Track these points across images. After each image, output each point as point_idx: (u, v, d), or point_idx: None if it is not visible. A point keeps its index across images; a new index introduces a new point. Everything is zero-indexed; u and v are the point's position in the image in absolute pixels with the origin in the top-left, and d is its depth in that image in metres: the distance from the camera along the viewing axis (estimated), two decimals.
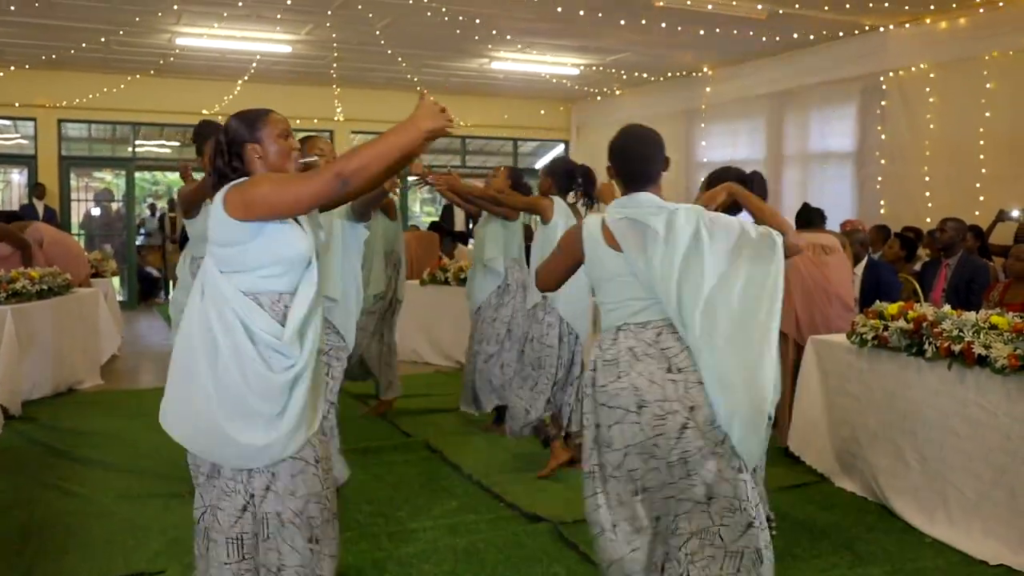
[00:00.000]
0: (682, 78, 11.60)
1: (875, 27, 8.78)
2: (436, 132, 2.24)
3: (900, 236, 7.17)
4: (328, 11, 8.35)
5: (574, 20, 8.49)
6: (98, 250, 9.64)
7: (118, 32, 9.16)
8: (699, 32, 8.94)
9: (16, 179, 13.79)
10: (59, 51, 10.08)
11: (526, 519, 3.90)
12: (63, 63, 10.74)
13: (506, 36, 9.38)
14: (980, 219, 7.56)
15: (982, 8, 7.91)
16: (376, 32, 9.11)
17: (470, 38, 9.47)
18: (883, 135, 8.92)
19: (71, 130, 12.39)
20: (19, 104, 11.42)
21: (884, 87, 8.87)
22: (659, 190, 2.54)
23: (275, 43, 9.75)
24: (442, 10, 8.26)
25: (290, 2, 8.02)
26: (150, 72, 11.26)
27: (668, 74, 11.56)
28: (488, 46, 9.98)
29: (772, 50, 9.87)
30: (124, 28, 8.99)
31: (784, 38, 9.21)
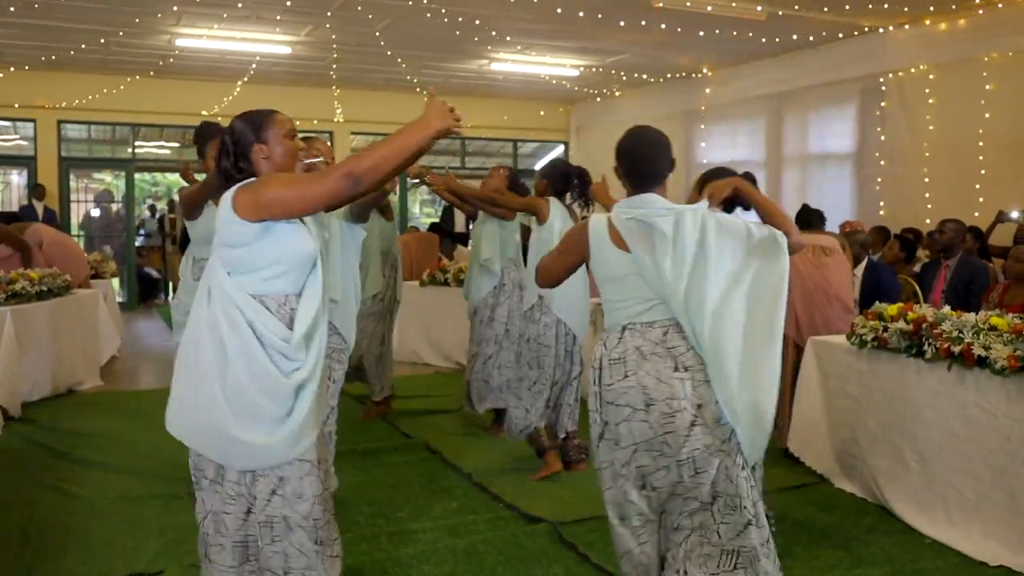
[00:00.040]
0: (682, 79, 11.61)
1: (874, 28, 8.78)
2: (446, 131, 2.26)
3: (900, 237, 7.17)
4: (328, 12, 8.34)
5: (574, 21, 8.49)
6: (98, 251, 9.62)
7: (118, 33, 9.16)
8: (699, 33, 8.94)
9: (16, 180, 13.78)
10: (59, 52, 10.08)
11: (525, 520, 3.90)
12: (63, 64, 10.74)
13: (506, 37, 9.38)
14: (979, 220, 7.57)
15: (981, 9, 7.92)
16: (376, 33, 9.11)
17: (470, 39, 9.47)
18: (882, 136, 8.92)
19: (71, 131, 12.39)
20: (19, 105, 11.42)
21: (883, 88, 8.87)
22: (665, 191, 2.57)
23: (275, 44, 9.75)
24: (442, 11, 8.26)
25: (290, 3, 8.02)
26: (150, 73, 11.26)
27: (668, 75, 11.56)
28: (488, 47, 9.98)
29: (772, 51, 9.87)
30: (124, 29, 8.99)
31: (783, 39, 9.21)
